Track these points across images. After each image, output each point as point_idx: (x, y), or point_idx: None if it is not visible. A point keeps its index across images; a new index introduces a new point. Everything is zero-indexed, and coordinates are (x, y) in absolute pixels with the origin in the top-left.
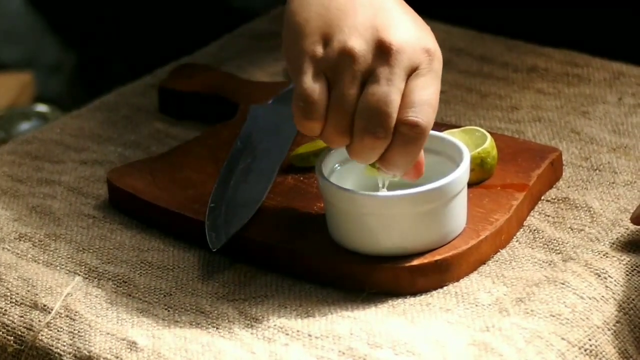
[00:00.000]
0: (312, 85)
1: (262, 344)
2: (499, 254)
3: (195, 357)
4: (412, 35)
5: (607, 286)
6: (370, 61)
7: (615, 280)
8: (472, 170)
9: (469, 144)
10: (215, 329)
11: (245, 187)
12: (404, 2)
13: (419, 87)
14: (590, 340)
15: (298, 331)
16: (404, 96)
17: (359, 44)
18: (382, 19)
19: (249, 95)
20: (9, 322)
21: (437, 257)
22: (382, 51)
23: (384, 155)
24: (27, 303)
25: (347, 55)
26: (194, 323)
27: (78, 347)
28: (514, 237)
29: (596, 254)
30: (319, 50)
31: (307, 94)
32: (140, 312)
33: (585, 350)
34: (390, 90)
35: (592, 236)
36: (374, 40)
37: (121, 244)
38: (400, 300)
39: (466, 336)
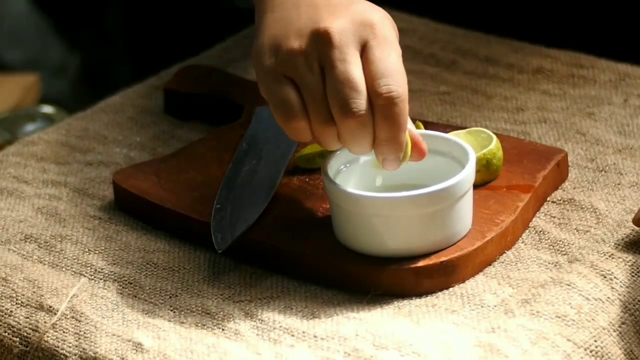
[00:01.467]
0: (279, 89)
1: (267, 345)
2: (504, 255)
3: (200, 358)
4: (349, 16)
5: (612, 287)
6: (316, 53)
7: (621, 282)
8: (477, 171)
9: (474, 145)
10: (221, 330)
11: (251, 188)
12: None
13: (377, 58)
14: (596, 341)
15: (304, 332)
16: (366, 71)
17: (300, 43)
18: (320, 13)
19: (255, 97)
20: (14, 323)
21: (443, 259)
22: (324, 38)
23: (376, 137)
24: (33, 304)
25: (293, 55)
26: (199, 324)
27: (84, 349)
28: (520, 239)
29: (602, 255)
30: (273, 60)
31: (278, 99)
32: (146, 314)
33: (590, 352)
34: (347, 67)
35: (598, 237)
36: (312, 32)
37: (127, 245)
38: (405, 302)
39: (472, 337)
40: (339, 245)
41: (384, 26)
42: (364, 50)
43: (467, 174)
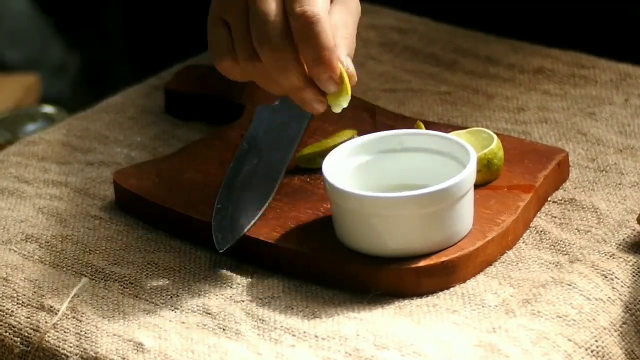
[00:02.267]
0: (213, 31)
1: (268, 345)
2: (505, 255)
3: (201, 358)
4: None
5: (613, 287)
6: None
7: (621, 282)
8: (478, 171)
9: (475, 145)
10: (221, 330)
11: (252, 188)
12: None
13: None
14: (596, 341)
15: (304, 332)
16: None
17: None
18: None
19: (255, 97)
20: (15, 323)
21: (444, 258)
22: None
23: (304, 61)
24: (34, 304)
25: None
26: (200, 324)
27: (84, 349)
28: (521, 238)
29: (603, 255)
30: (216, 4)
31: (211, 40)
32: (147, 313)
33: (591, 352)
34: (262, 2)
35: (599, 237)
36: None
37: (128, 245)
38: (406, 302)
39: (472, 337)
40: (340, 245)
41: None
42: None
43: (468, 174)
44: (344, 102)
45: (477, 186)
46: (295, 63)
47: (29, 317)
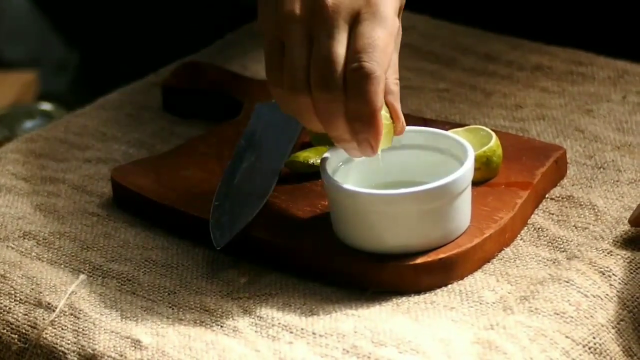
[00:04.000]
0: (269, 48)
1: (266, 342)
2: (503, 252)
3: (199, 355)
4: None
5: (611, 284)
6: (309, 21)
7: (619, 278)
8: (477, 169)
9: (473, 143)
10: (219, 327)
11: (250, 185)
12: None
13: (361, 33)
14: (594, 338)
15: (302, 329)
16: (349, 45)
17: (298, 7)
18: None
19: (254, 94)
20: (13, 320)
21: (442, 255)
22: (319, 9)
23: (347, 114)
24: (31, 301)
25: (287, 20)
26: (198, 321)
27: (82, 345)
28: (518, 236)
29: (600, 252)
30: (273, 18)
31: (266, 55)
32: (145, 310)
33: (589, 348)
34: (330, 44)
35: (596, 234)
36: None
37: (125, 242)
38: (404, 299)
39: (470, 334)
40: (338, 242)
41: (377, 1)
42: (354, 22)
43: (466, 171)
44: (380, 148)
45: (475, 184)
46: (342, 113)
47: (26, 314)
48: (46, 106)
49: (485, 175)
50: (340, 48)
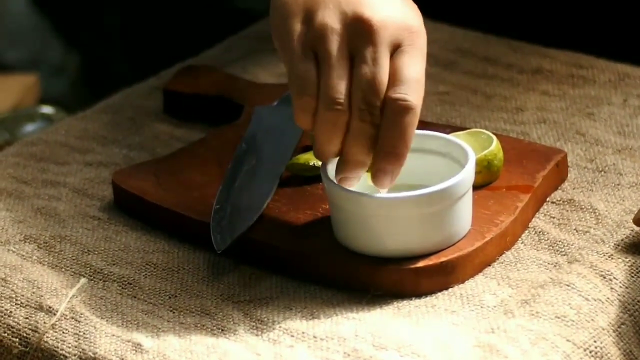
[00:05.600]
0: (302, 63)
1: (267, 345)
2: (504, 255)
3: (200, 358)
4: (393, 12)
5: (612, 288)
6: (350, 38)
7: (620, 282)
8: (479, 172)
9: (474, 146)
10: (220, 330)
11: (250, 188)
12: None
13: (404, 65)
14: (595, 342)
15: (303, 333)
16: (390, 75)
17: (338, 21)
18: None
19: (254, 97)
20: (14, 323)
21: (443, 259)
22: (363, 28)
23: (378, 145)
24: (32, 305)
25: (327, 32)
26: (199, 325)
27: (83, 349)
28: (519, 239)
29: (601, 255)
30: (304, 28)
31: (299, 73)
32: (146, 314)
33: (590, 352)
34: (375, 69)
35: (597, 238)
36: (354, 16)
37: (126, 245)
38: (405, 302)
39: (471, 338)
40: (339, 246)
41: (420, 35)
42: (395, 51)
43: (467, 175)
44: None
45: (476, 187)
46: (372, 143)
47: (27, 318)
48: (47, 109)
49: (486, 179)
50: (384, 75)
